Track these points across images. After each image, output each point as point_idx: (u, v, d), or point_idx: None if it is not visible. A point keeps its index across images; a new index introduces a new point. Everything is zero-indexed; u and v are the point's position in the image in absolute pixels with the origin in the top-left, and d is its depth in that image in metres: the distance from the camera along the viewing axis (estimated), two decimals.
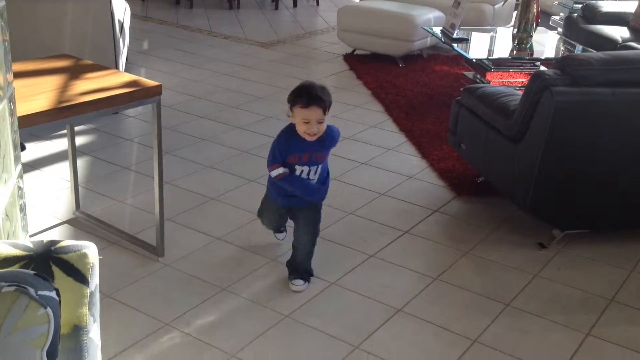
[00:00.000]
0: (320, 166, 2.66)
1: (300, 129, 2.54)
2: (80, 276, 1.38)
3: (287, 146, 2.60)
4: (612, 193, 3.01)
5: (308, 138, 2.55)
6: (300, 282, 2.77)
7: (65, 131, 3.46)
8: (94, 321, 1.43)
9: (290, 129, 2.61)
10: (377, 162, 3.99)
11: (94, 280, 1.42)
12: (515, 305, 2.71)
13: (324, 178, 2.75)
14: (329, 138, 2.62)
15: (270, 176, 2.71)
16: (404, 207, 3.47)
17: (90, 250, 1.41)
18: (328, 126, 2.61)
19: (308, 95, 2.49)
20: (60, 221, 3.22)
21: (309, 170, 2.64)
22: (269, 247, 3.05)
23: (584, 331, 2.56)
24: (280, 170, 2.64)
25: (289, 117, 2.58)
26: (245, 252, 3.03)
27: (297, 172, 2.64)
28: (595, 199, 3.03)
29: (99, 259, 1.45)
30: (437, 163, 3.91)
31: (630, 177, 2.99)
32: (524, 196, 3.03)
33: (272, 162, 2.63)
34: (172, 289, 2.75)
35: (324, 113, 2.52)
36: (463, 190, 3.61)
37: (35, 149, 3.99)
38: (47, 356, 1.20)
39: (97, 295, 1.46)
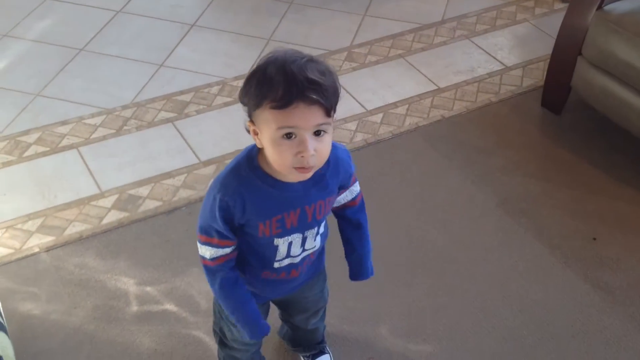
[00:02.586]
0: (322, 224, 1.26)
1: (282, 157, 1.05)
2: None
3: (245, 204, 1.13)
4: None
5: (297, 177, 1.10)
6: (327, 357, 1.66)
7: None
8: None
9: (249, 162, 1.13)
10: None
11: None
12: (298, 2, 2.89)
13: (322, 248, 1.34)
14: (334, 164, 1.17)
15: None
16: None
17: None
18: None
19: (288, 79, 1.01)
20: None
21: (303, 239, 1.22)
22: None
23: (361, 13, 2.84)
24: (217, 251, 1.19)
25: (249, 131, 1.11)
26: None
27: (280, 251, 1.22)
28: None
29: None
30: None
31: None
32: None
33: (205, 232, 1.18)
34: None
35: (328, 114, 1.04)
36: None
37: None
38: None
39: None
